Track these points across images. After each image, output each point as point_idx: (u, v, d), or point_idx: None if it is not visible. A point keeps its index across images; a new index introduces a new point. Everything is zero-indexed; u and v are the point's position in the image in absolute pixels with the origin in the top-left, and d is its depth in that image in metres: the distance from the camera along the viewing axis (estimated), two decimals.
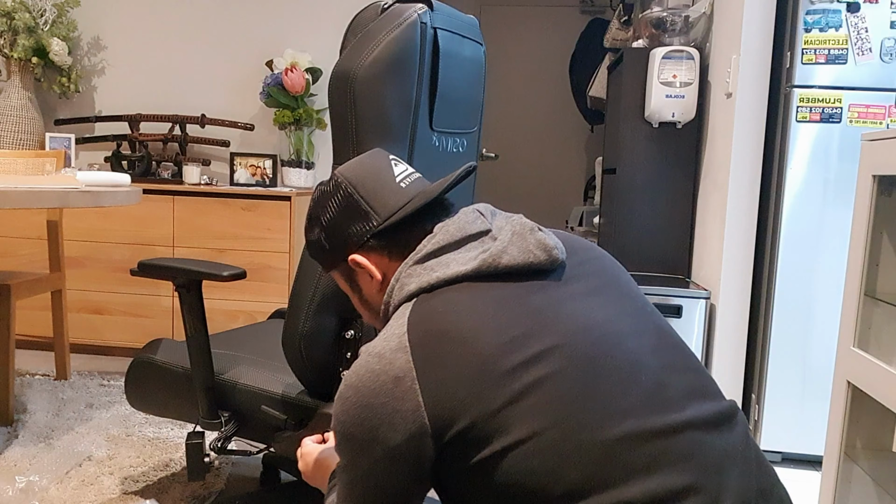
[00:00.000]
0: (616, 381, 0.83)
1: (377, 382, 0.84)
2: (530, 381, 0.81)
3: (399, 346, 0.85)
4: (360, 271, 1.01)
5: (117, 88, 3.28)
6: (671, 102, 2.61)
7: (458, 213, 0.99)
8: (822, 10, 2.13)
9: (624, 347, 0.86)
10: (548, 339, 0.84)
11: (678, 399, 0.84)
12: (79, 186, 2.00)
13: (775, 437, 2.23)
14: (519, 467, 0.79)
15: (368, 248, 0.99)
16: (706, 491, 0.79)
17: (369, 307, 1.05)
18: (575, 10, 4.86)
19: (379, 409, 0.83)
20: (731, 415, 0.88)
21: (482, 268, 0.89)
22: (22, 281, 2.30)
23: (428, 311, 0.87)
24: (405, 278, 0.93)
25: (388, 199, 0.99)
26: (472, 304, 0.86)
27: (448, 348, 0.83)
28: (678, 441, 0.81)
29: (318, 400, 1.38)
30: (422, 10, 1.24)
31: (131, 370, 1.60)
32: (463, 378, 0.81)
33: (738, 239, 2.36)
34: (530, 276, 0.90)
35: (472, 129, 1.51)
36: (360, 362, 0.87)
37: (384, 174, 1.01)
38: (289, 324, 1.33)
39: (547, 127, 4.94)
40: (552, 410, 0.80)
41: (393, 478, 0.85)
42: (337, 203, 1.01)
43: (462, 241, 0.94)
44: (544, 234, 0.93)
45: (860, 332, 1.39)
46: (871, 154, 1.38)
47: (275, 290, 2.84)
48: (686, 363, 0.90)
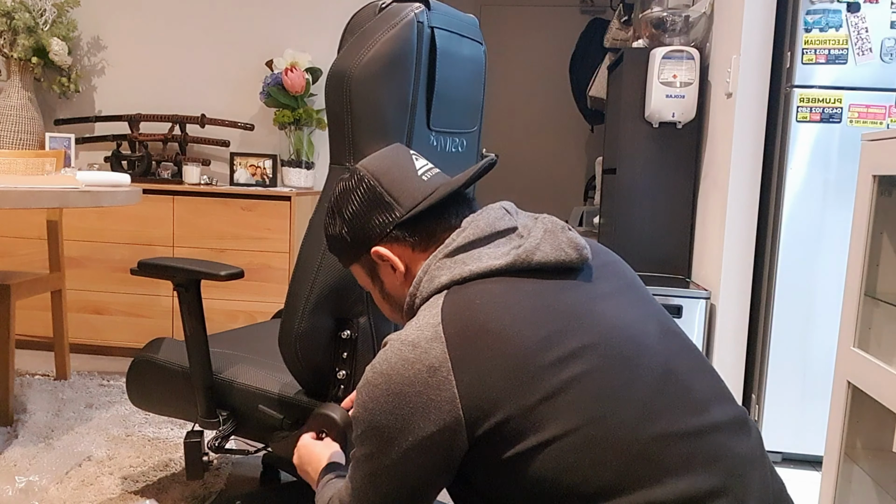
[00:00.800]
0: (649, 381, 0.83)
1: (411, 371, 0.83)
2: (567, 378, 0.81)
3: (434, 335, 0.84)
4: (383, 264, 1.01)
5: (117, 88, 3.28)
6: (671, 102, 2.61)
7: (483, 209, 0.99)
8: (823, 10, 2.12)
9: (654, 349, 0.87)
10: (584, 336, 0.84)
11: (704, 402, 0.85)
12: (79, 186, 2.00)
13: (775, 437, 2.23)
14: (553, 464, 0.79)
15: (392, 240, 0.99)
16: (732, 493, 0.80)
17: (391, 301, 1.04)
18: (575, 10, 4.86)
19: (413, 399, 0.82)
20: (745, 419, 0.89)
21: (516, 262, 0.89)
22: (22, 281, 2.30)
23: (463, 302, 0.87)
24: (435, 270, 0.93)
25: (410, 190, 0.99)
26: (507, 298, 0.86)
27: (485, 340, 0.83)
28: (706, 443, 0.81)
29: (314, 400, 1.38)
30: (419, 10, 1.24)
31: (132, 369, 1.60)
32: (500, 371, 0.81)
33: (738, 239, 2.35)
34: (561, 273, 0.91)
35: (472, 128, 1.51)
36: (391, 350, 0.86)
37: (406, 166, 1.02)
38: (285, 323, 1.33)
39: (547, 127, 4.94)
40: (589, 408, 0.80)
41: (420, 469, 0.84)
42: (360, 196, 1.00)
43: (492, 236, 0.94)
44: (574, 234, 0.94)
45: (860, 332, 1.38)
46: (871, 154, 1.38)
47: (275, 290, 2.84)
48: (703, 367, 0.91)
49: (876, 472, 1.42)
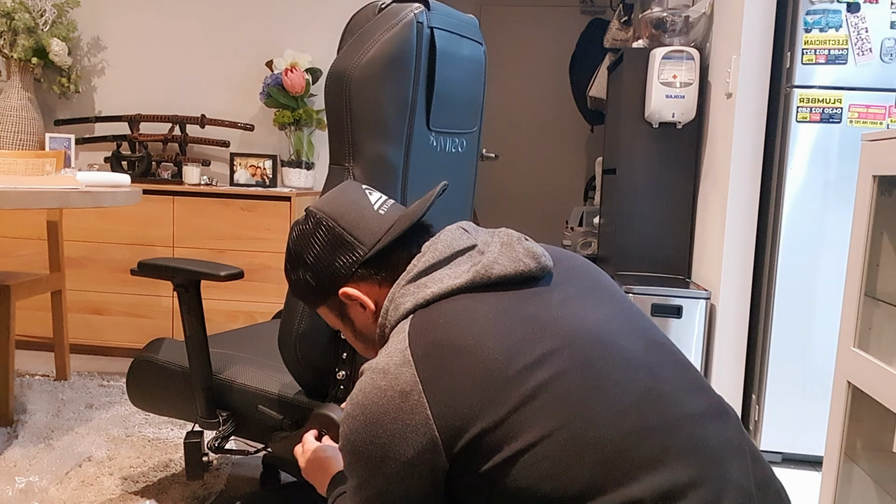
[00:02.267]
0: (616, 379, 0.84)
1: (384, 399, 0.84)
2: (536, 384, 0.82)
3: (403, 360, 0.86)
4: (352, 303, 1.02)
5: (117, 89, 3.28)
6: (671, 103, 2.60)
7: (441, 231, 1.00)
8: (823, 11, 2.12)
9: (619, 347, 0.87)
10: (548, 342, 0.85)
11: (674, 394, 0.86)
12: (79, 187, 2.00)
13: (775, 437, 2.22)
14: (531, 472, 0.80)
15: (358, 279, 1.00)
16: (710, 483, 0.80)
17: (364, 338, 1.06)
18: (575, 10, 4.86)
19: (389, 426, 0.84)
20: (723, 408, 0.89)
21: (475, 279, 0.91)
22: (22, 281, 2.30)
23: (428, 324, 0.88)
24: (399, 298, 0.94)
25: (370, 227, 1.00)
26: (470, 314, 0.87)
27: (452, 358, 0.84)
28: (679, 435, 0.82)
29: (314, 400, 1.38)
30: (418, 10, 1.24)
31: (132, 369, 1.61)
32: (469, 387, 0.82)
33: (738, 239, 2.35)
34: (521, 284, 0.92)
35: (472, 129, 1.51)
36: (364, 380, 0.88)
37: (361, 203, 1.02)
38: (285, 324, 1.33)
39: (547, 127, 4.94)
40: (559, 412, 0.81)
41: (408, 492, 0.85)
42: (320, 239, 1.01)
43: (451, 257, 0.95)
44: (531, 243, 0.95)
45: (860, 332, 1.38)
46: (871, 154, 1.38)
47: (274, 291, 2.84)
48: (675, 359, 0.92)
49: (876, 472, 1.42)
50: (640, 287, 2.41)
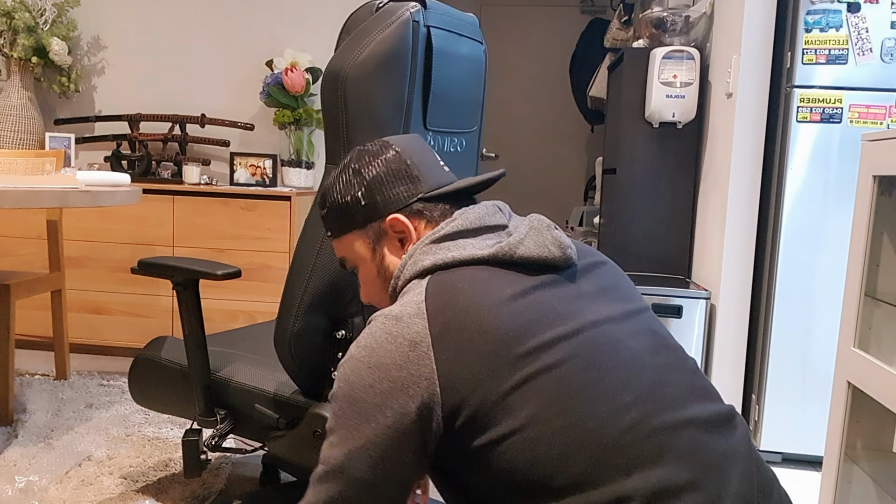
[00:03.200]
0: (620, 376, 0.84)
1: (394, 344, 0.83)
2: (540, 367, 0.82)
3: (417, 311, 0.85)
4: (392, 235, 1.00)
5: (117, 88, 3.28)
6: (671, 102, 2.60)
7: (478, 204, 1.00)
8: (823, 10, 2.12)
9: (626, 346, 0.87)
10: (559, 329, 0.85)
11: (678, 398, 0.85)
12: (78, 186, 2.00)
13: (775, 437, 2.22)
14: (524, 455, 0.80)
15: (410, 213, 0.99)
16: (707, 488, 0.79)
17: (384, 276, 1.02)
18: (575, 10, 4.86)
19: (393, 372, 0.82)
20: (730, 417, 0.88)
21: (499, 254, 0.90)
22: (22, 281, 2.30)
23: (446, 284, 0.88)
24: (419, 255, 0.94)
25: (434, 174, 1.02)
26: (489, 286, 0.87)
27: (465, 322, 0.83)
28: (679, 438, 0.81)
29: (310, 399, 1.38)
30: (414, 9, 1.24)
31: (134, 367, 1.62)
32: (476, 354, 0.82)
33: (739, 239, 2.35)
34: (543, 270, 0.92)
35: (471, 128, 1.51)
36: (375, 324, 0.86)
37: (429, 154, 1.04)
38: (279, 323, 1.33)
39: (547, 127, 4.94)
40: (559, 398, 0.81)
41: (397, 451, 0.83)
42: (385, 162, 1.00)
43: (480, 230, 0.95)
44: (560, 233, 0.95)
45: (860, 332, 1.38)
46: (871, 154, 1.37)
47: (274, 291, 2.84)
48: (684, 365, 0.91)
49: (876, 473, 1.41)
50: (640, 287, 2.41)
